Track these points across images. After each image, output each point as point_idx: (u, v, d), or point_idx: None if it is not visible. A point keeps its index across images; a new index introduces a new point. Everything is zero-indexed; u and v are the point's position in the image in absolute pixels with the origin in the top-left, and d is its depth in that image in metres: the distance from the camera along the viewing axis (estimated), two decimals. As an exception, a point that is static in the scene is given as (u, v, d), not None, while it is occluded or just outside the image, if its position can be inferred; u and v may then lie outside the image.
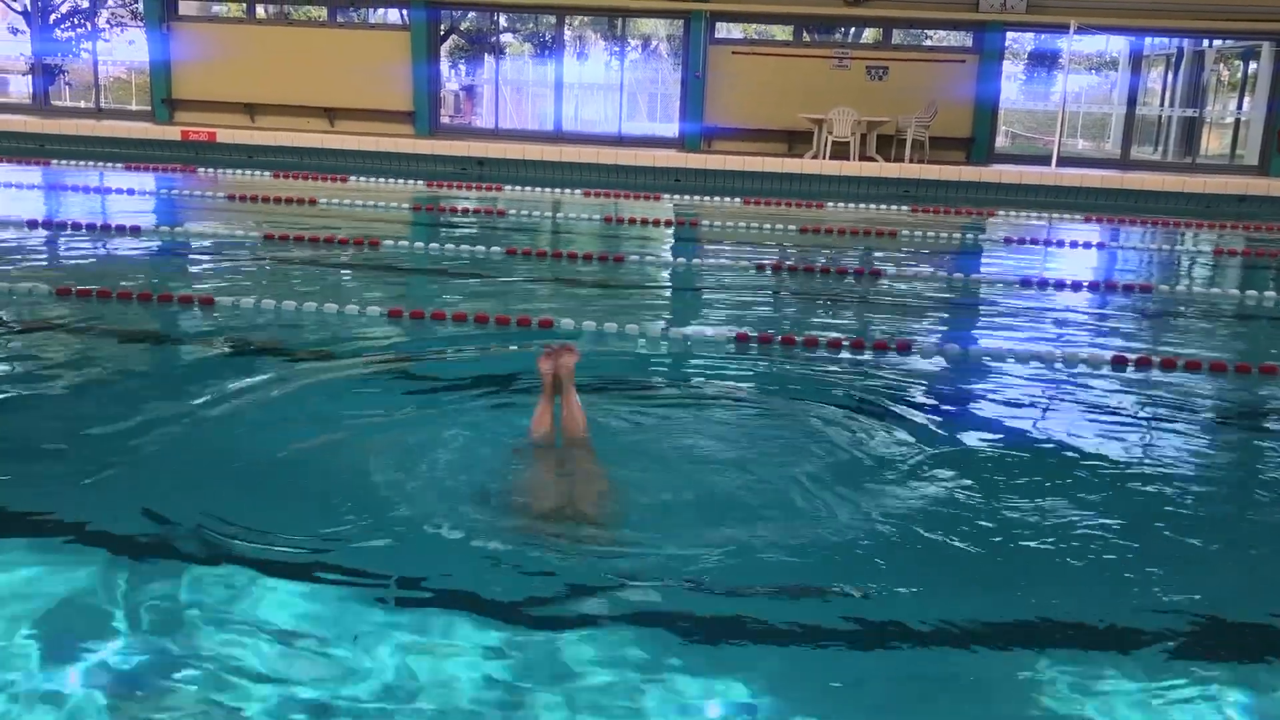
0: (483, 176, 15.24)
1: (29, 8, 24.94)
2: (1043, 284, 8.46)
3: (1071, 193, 14.97)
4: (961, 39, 19.28)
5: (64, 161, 14.81)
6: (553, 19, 21.26)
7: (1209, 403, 5.51)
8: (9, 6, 25.04)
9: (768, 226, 11.49)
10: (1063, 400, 5.28)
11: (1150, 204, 14.50)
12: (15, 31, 25.31)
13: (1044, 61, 25.14)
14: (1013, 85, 24.39)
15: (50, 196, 12.12)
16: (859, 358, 5.83)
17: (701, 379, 5.39)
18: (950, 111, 17.51)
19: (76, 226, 9.01)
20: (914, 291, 8.40)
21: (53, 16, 25.20)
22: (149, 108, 20.36)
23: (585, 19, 24.39)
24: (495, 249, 8.85)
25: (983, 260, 10.58)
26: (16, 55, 24.85)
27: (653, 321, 6.57)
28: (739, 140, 18.15)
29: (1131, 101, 19.84)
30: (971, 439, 4.52)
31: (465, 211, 12.60)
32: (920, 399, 5.20)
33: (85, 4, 24.26)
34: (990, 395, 5.34)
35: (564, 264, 8.77)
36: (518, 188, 13.95)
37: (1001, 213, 13.61)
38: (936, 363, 5.86)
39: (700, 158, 16.39)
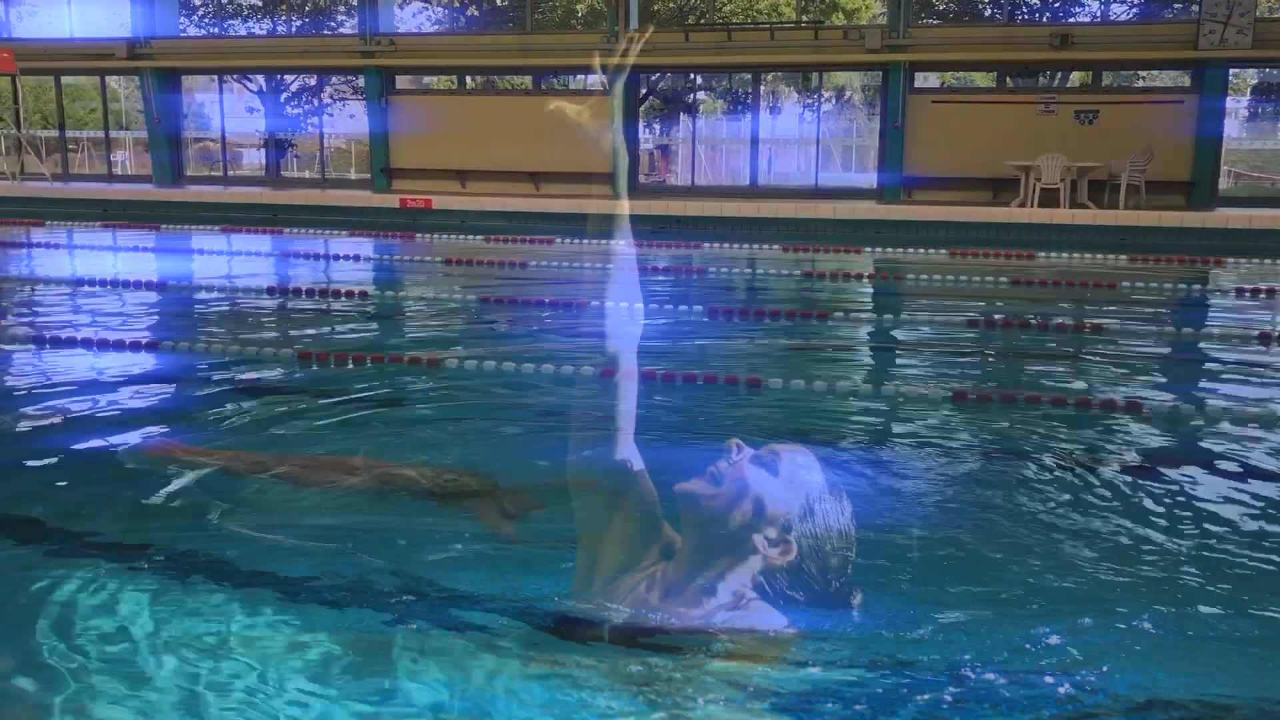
0: (680, 234, 15.48)
1: (263, 88, 27.14)
2: (1283, 337, 7.90)
3: (1310, 236, 13.99)
4: (1177, 78, 18.40)
5: (293, 230, 15.92)
6: (748, 76, 21.52)
7: None
8: (245, 87, 27.29)
9: (976, 279, 11.19)
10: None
11: (1404, 245, 13.39)
12: (251, 110, 27.58)
13: (1270, 94, 23.68)
14: (1234, 121, 23.05)
15: (282, 263, 13.05)
16: (1086, 416, 5.58)
17: (918, 438, 5.27)
18: (1167, 154, 16.70)
19: (310, 292, 9.66)
20: (1138, 347, 8.00)
21: (283, 95, 27.34)
22: (369, 176, 21.69)
23: (780, 74, 24.58)
24: (696, 307, 8.94)
25: (1211, 313, 9.98)
26: (252, 131, 27.05)
27: (863, 379, 6.48)
28: (940, 190, 17.82)
29: (1375, 134, 18.42)
30: (1216, 506, 4.24)
31: (664, 270, 12.80)
32: (1154, 463, 4.92)
33: (312, 83, 26.17)
34: (1232, 460, 4.99)
35: (766, 321, 8.78)
36: (715, 244, 14.08)
37: (1230, 261, 12.81)
38: (1170, 424, 5.55)
39: (901, 208, 16.15)
